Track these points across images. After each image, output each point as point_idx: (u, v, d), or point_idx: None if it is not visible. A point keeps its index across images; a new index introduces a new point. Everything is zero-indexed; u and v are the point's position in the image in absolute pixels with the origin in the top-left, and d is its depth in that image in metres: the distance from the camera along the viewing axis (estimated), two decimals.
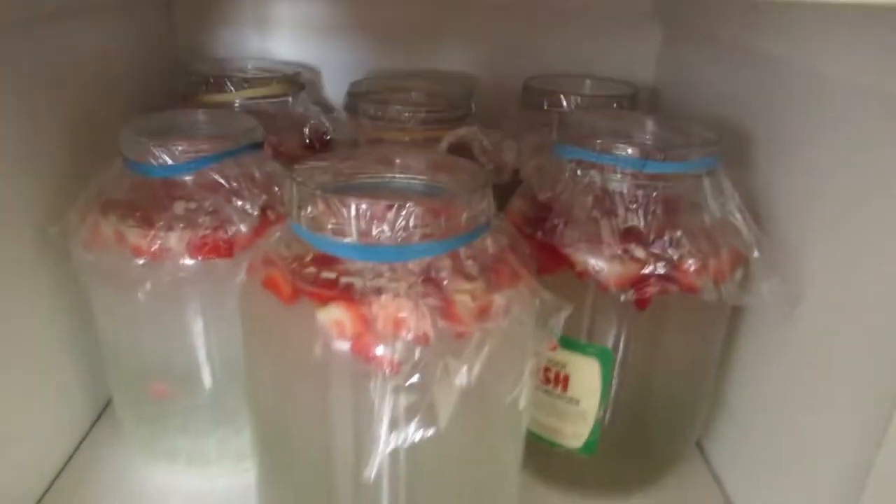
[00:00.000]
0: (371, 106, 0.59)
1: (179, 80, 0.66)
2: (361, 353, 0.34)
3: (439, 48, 0.76)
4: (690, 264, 0.43)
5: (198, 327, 0.48)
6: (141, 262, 0.44)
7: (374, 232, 0.34)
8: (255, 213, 0.47)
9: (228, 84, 0.63)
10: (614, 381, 0.48)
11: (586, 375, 0.47)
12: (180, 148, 0.45)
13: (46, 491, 0.52)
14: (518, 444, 0.44)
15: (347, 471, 0.37)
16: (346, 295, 0.35)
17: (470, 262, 0.37)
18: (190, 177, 0.46)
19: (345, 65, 0.76)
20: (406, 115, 0.58)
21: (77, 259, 0.47)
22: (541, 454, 0.51)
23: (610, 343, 0.46)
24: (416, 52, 0.76)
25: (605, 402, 0.48)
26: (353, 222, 0.34)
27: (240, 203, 0.46)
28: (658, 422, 0.51)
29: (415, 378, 0.33)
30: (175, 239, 0.45)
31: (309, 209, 0.35)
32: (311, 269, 0.36)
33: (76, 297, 0.51)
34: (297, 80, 0.67)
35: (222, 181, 0.46)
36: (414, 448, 0.36)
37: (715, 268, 0.44)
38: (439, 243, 0.35)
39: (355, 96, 0.60)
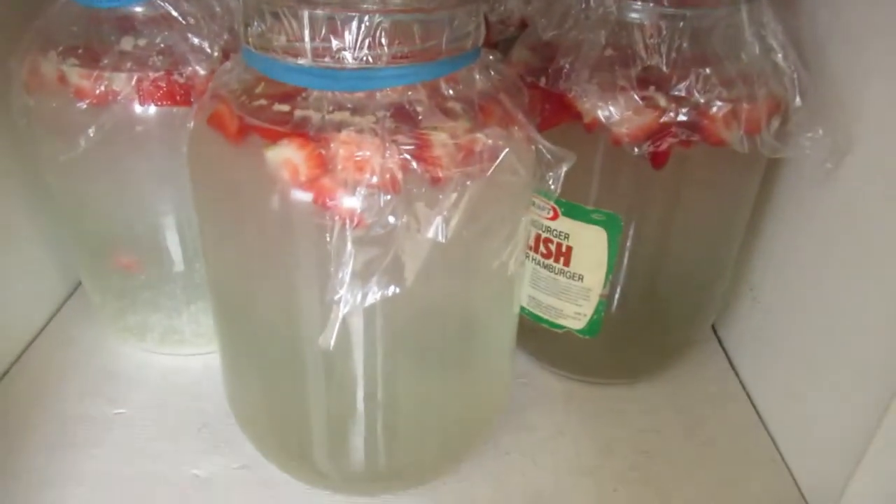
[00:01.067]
0: None
1: None
2: (317, 199, 0.28)
3: None
4: (719, 110, 0.36)
5: (158, 189, 0.43)
6: (83, 105, 0.39)
7: (334, 52, 0.28)
8: (216, 54, 0.40)
9: None
10: (624, 254, 0.42)
11: (591, 247, 0.42)
12: None
13: (12, 364, 0.49)
14: (510, 317, 0.39)
15: (310, 337, 0.32)
16: (301, 130, 0.29)
17: (452, 96, 0.31)
18: (140, 8, 0.40)
19: None
20: None
21: (17, 106, 0.41)
22: (539, 335, 0.47)
23: (620, 208, 0.41)
24: None
25: (612, 277, 0.43)
26: (308, 39, 0.28)
27: (197, 41, 0.40)
28: (671, 301, 0.46)
29: (379, 229, 0.28)
30: (122, 81, 0.39)
31: (256, 24, 0.29)
32: (262, 102, 0.30)
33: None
34: None
35: (177, 15, 0.40)
36: (385, 313, 0.32)
37: (748, 115, 0.37)
38: (414, 68, 0.29)
39: None
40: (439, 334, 0.34)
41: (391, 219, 0.28)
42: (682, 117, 0.36)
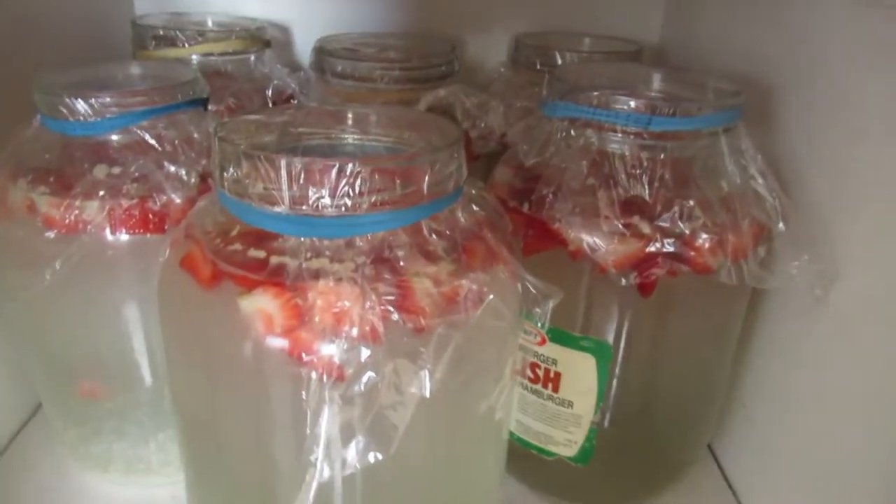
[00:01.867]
0: (339, 62, 0.51)
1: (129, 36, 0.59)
2: (293, 352, 0.27)
3: (423, 4, 0.68)
4: (704, 240, 0.36)
5: (128, 316, 0.41)
6: (52, 235, 0.37)
7: (312, 199, 0.27)
8: (193, 180, 0.40)
9: (181, 38, 0.56)
10: (614, 380, 0.41)
11: (581, 373, 0.40)
12: (103, 100, 0.38)
13: None
14: (497, 458, 0.37)
15: (284, 494, 0.30)
16: (276, 279, 0.28)
17: (434, 239, 0.30)
18: (115, 136, 0.39)
19: (320, 24, 0.68)
20: (378, 72, 0.50)
21: None
22: (529, 462, 0.45)
23: (608, 336, 0.39)
24: (398, 9, 0.68)
25: (603, 403, 0.41)
26: (285, 187, 0.27)
27: (173, 168, 0.39)
28: (665, 426, 0.44)
29: (360, 386, 0.26)
30: (94, 209, 0.38)
31: (231, 170, 0.28)
32: (237, 247, 0.29)
33: None
34: (260, 37, 0.60)
35: (153, 142, 0.39)
36: (364, 471, 0.30)
37: (734, 244, 0.36)
38: (395, 214, 0.28)
39: (323, 52, 0.53)
40: (422, 483, 0.32)
41: (372, 374, 0.27)
42: (667, 248, 0.36)
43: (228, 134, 0.31)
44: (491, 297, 0.29)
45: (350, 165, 0.26)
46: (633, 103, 0.36)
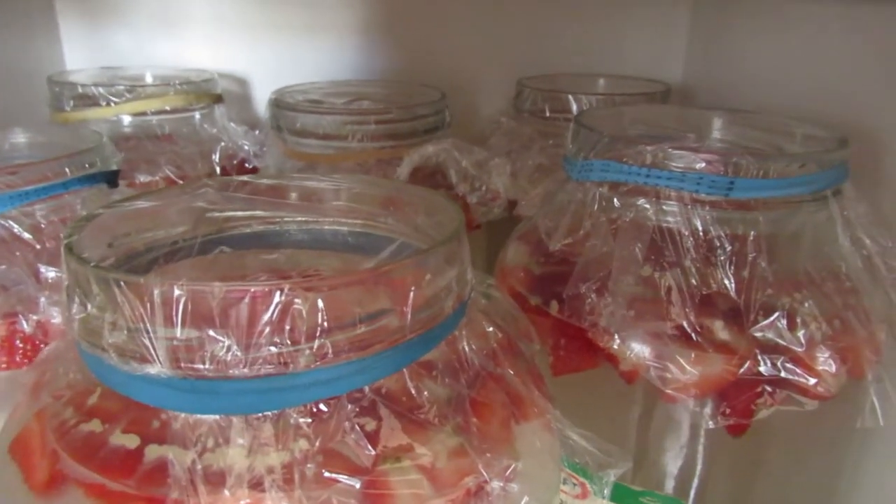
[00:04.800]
0: (298, 118, 0.41)
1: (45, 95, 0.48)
2: None
3: (404, 45, 0.58)
4: (827, 357, 0.24)
5: None
6: None
7: (211, 351, 0.15)
8: None
9: (105, 95, 0.45)
10: None
11: None
12: None
13: None
14: None
15: None
16: (154, 489, 0.16)
17: (426, 395, 0.18)
18: None
19: (285, 74, 0.58)
20: (349, 127, 0.40)
21: None
22: None
23: (679, 489, 0.28)
24: (377, 54, 0.58)
25: None
26: (161, 332, 0.15)
27: (52, 273, 0.28)
28: None
29: None
30: None
31: (78, 303, 0.16)
32: (95, 427, 0.17)
33: None
34: (208, 90, 0.49)
35: (27, 236, 0.28)
36: None
37: (864, 358, 0.25)
38: (359, 364, 0.16)
39: (278, 106, 0.42)
40: None
41: None
42: (767, 368, 0.24)
43: (100, 238, 0.19)
44: (525, 499, 0.17)
45: (277, 293, 0.15)
46: (704, 161, 0.25)
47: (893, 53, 0.31)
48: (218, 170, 0.46)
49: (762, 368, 0.24)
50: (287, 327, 0.15)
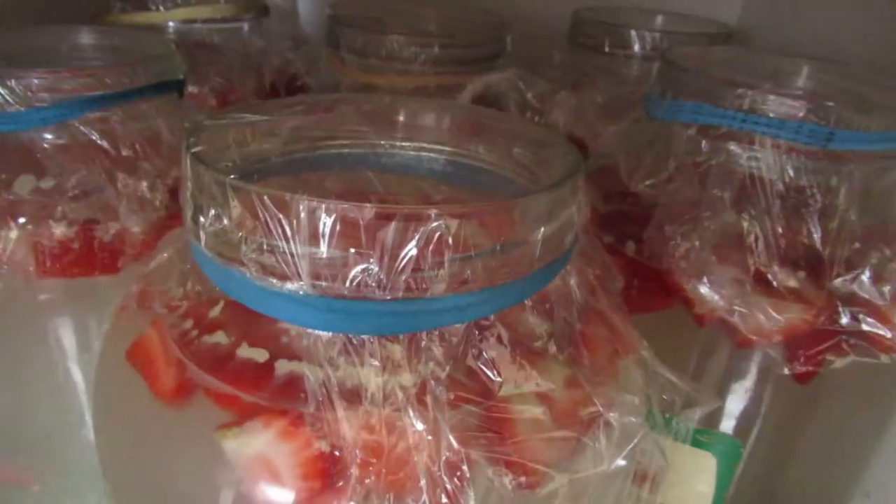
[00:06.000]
0: (359, 36, 0.39)
1: None
2: None
3: None
4: None
5: (61, 379, 0.30)
6: None
7: (352, 271, 0.15)
8: (160, 199, 0.28)
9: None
10: (732, 485, 0.30)
11: (693, 475, 0.29)
12: (28, 81, 0.26)
13: None
14: None
15: None
16: (287, 402, 0.16)
17: (543, 327, 0.18)
18: (47, 134, 0.27)
19: None
20: (411, 50, 0.38)
21: None
22: None
23: (737, 429, 0.28)
24: None
25: None
26: (304, 248, 0.15)
27: (131, 182, 0.27)
28: None
29: None
30: (13, 239, 0.26)
31: (212, 213, 0.16)
32: (221, 338, 0.18)
33: None
34: (256, 1, 0.48)
35: (103, 143, 0.28)
36: None
37: None
38: (490, 293, 0.17)
39: (338, 22, 0.41)
40: None
41: None
42: (849, 321, 0.24)
43: (208, 145, 0.19)
44: (643, 433, 0.18)
45: (426, 214, 0.15)
46: (805, 109, 0.25)
47: None
48: (267, 86, 0.45)
49: (843, 320, 0.24)
50: (431, 252, 0.15)
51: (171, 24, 0.45)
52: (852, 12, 0.40)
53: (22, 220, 0.26)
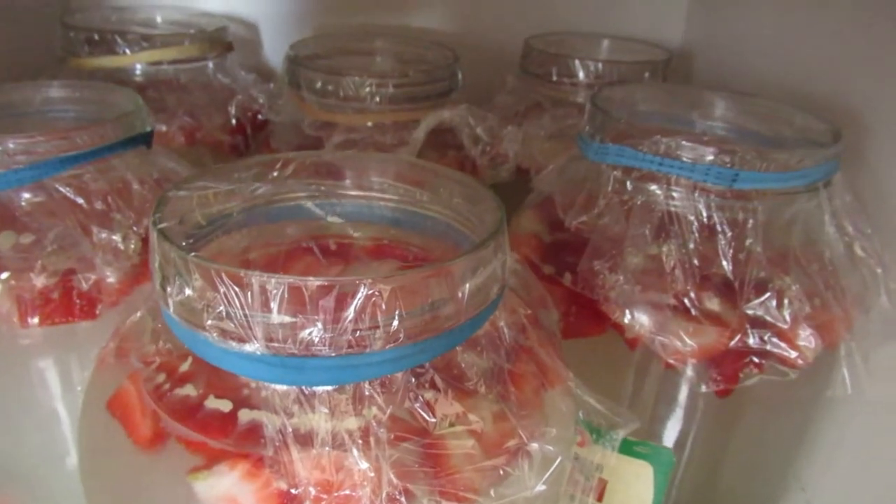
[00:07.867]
0: (318, 77, 0.42)
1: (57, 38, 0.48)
2: None
3: None
4: (808, 335, 0.28)
5: (46, 414, 0.32)
6: None
7: (301, 334, 0.18)
8: (133, 246, 0.30)
9: (121, 42, 0.45)
10: (672, 491, 0.33)
11: (633, 483, 0.32)
12: (5, 146, 0.28)
13: None
14: None
15: None
16: (249, 447, 0.19)
17: (474, 369, 0.21)
18: (25, 192, 0.29)
19: (291, 20, 0.58)
20: (367, 90, 0.41)
21: None
22: None
23: (669, 440, 0.31)
24: (382, 3, 0.58)
25: None
26: (258, 318, 0.18)
27: (105, 234, 0.30)
28: None
29: None
30: None
31: (177, 285, 0.19)
32: (189, 391, 0.20)
33: None
34: (220, 39, 0.50)
35: (78, 199, 0.30)
36: None
37: (835, 330, 0.29)
38: (423, 345, 0.19)
39: (297, 62, 0.43)
40: None
41: None
42: (758, 342, 0.28)
43: (174, 212, 0.21)
44: (560, 459, 0.20)
45: (362, 287, 0.17)
46: (713, 153, 0.28)
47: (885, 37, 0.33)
48: (233, 122, 0.47)
49: (750, 341, 0.27)
50: (367, 315, 0.18)
51: (137, 66, 0.47)
52: (791, 32, 0.43)
53: (5, 274, 0.28)
